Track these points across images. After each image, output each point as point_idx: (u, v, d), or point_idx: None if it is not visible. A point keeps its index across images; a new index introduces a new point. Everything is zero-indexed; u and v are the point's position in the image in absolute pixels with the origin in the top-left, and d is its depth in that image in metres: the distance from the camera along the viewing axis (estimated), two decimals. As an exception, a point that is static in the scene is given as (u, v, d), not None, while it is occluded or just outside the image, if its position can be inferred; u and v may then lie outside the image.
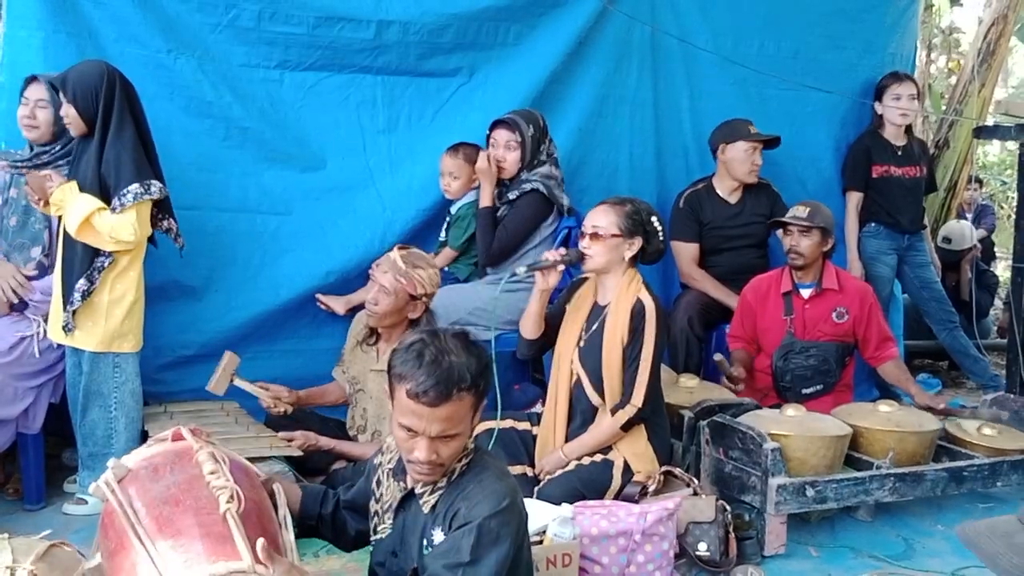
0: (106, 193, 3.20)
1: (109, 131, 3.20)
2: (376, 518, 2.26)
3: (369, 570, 2.31)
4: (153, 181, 3.22)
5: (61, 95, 3.23)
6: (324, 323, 4.05)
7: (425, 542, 2.09)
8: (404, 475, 2.18)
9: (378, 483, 2.27)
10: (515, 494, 2.06)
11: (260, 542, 1.81)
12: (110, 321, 3.26)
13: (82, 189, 3.20)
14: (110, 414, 3.31)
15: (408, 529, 2.16)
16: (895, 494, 3.41)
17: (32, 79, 3.40)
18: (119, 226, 3.16)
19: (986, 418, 3.90)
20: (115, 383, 3.30)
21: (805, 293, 4.12)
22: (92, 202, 3.16)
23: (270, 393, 3.44)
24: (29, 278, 3.41)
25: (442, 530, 2.05)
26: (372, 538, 2.28)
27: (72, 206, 3.17)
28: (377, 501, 2.26)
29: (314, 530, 2.36)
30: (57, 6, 3.61)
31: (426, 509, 2.11)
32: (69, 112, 3.22)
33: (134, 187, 3.17)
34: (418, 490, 2.13)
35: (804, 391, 4.02)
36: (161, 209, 3.35)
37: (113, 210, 3.16)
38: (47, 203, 3.23)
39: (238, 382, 3.40)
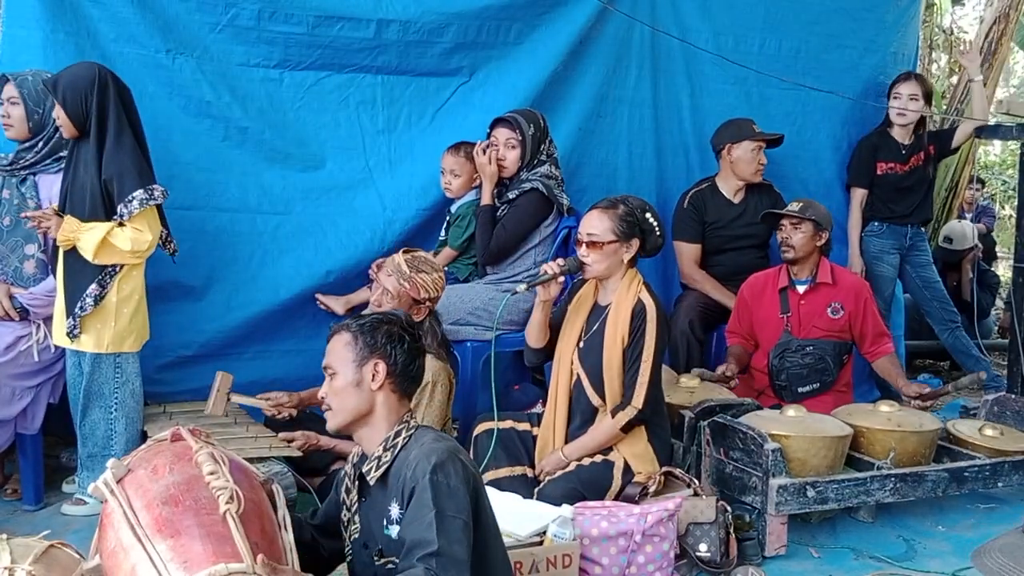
0: (108, 200, 3.19)
1: (107, 136, 3.19)
2: (350, 525, 2.29)
3: (349, 570, 2.33)
4: (155, 186, 3.22)
5: (52, 97, 3.22)
6: (324, 323, 4.02)
7: (384, 521, 2.14)
8: (362, 463, 2.25)
9: (347, 491, 2.31)
10: (453, 450, 2.14)
11: (260, 557, 1.81)
12: (120, 321, 3.26)
13: (84, 196, 3.20)
14: (111, 415, 3.30)
15: (371, 517, 2.21)
16: (896, 495, 3.40)
17: (4, 79, 3.38)
18: (137, 238, 3.18)
19: (964, 385, 3.97)
20: (116, 384, 3.30)
21: (801, 288, 4.12)
22: (101, 227, 3.16)
23: (271, 402, 3.43)
24: (31, 278, 3.40)
25: (397, 502, 2.11)
26: (347, 541, 2.30)
27: (83, 238, 3.17)
28: (348, 509, 2.30)
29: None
30: (56, 5, 3.61)
31: (372, 482, 2.19)
32: (59, 115, 3.21)
33: (139, 194, 3.16)
34: (364, 469, 2.22)
35: (800, 390, 4.02)
36: (165, 227, 3.34)
37: (120, 217, 3.16)
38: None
39: (236, 399, 3.38)
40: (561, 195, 4.00)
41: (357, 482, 2.26)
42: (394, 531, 2.12)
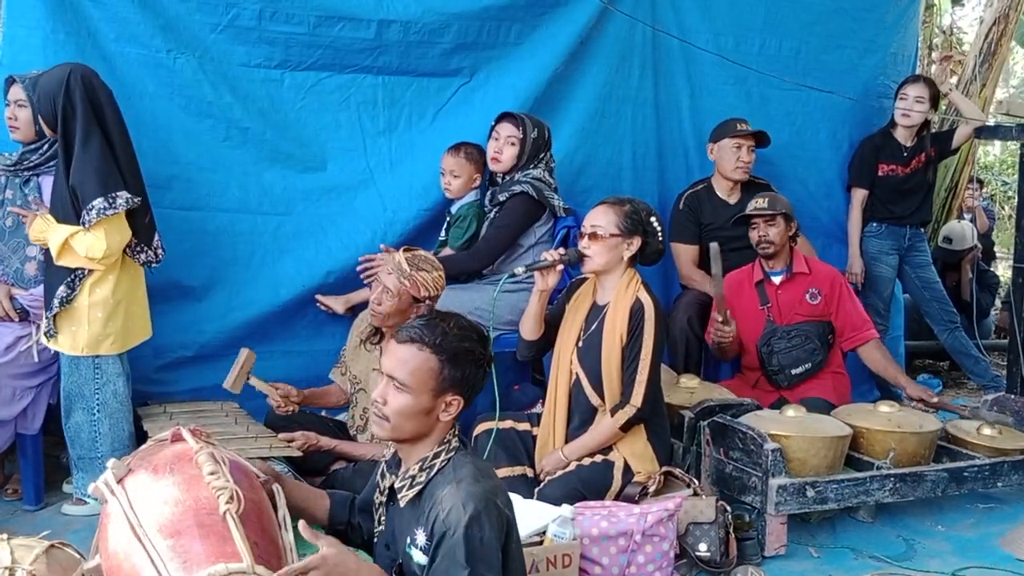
0: (77, 204, 3.17)
1: (75, 141, 3.16)
2: (380, 510, 2.28)
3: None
4: (119, 193, 3.16)
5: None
6: (324, 324, 4.04)
7: (408, 539, 2.13)
8: (396, 468, 2.22)
9: (382, 475, 2.30)
10: (490, 495, 2.06)
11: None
12: (93, 325, 3.24)
13: (58, 200, 3.20)
14: (93, 416, 3.30)
15: (396, 524, 2.20)
16: (895, 495, 3.41)
17: (11, 80, 3.38)
18: (92, 246, 3.14)
19: (987, 419, 3.88)
20: (96, 385, 3.29)
21: (776, 280, 4.16)
22: (65, 229, 3.16)
23: (280, 392, 3.43)
24: (33, 279, 3.40)
25: (424, 531, 2.07)
26: (375, 529, 2.29)
27: (50, 239, 3.17)
28: (381, 494, 2.29)
29: (344, 535, 2.38)
30: (56, 5, 3.61)
31: (403, 503, 2.16)
32: (38, 116, 3.23)
33: (98, 202, 3.12)
34: (397, 485, 2.19)
35: (794, 372, 4.05)
36: (138, 237, 3.30)
37: (83, 225, 3.14)
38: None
39: (253, 381, 3.37)
40: (552, 197, 4.00)
41: (390, 478, 2.23)
42: (415, 554, 2.09)
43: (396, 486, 2.18)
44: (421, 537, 2.08)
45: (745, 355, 4.20)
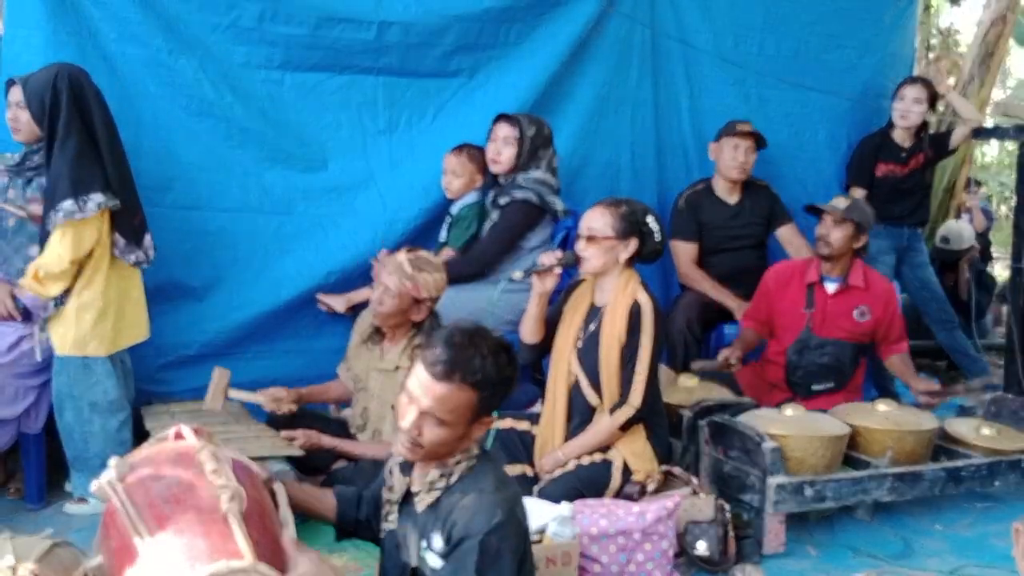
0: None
1: (55, 142, 3.16)
2: (387, 506, 2.29)
3: (380, 560, 2.33)
4: (92, 196, 3.13)
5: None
6: (325, 323, 4.05)
7: (424, 543, 2.12)
8: (410, 469, 2.22)
9: (390, 472, 2.30)
10: (513, 505, 2.07)
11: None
12: (81, 326, 3.25)
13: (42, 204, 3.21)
14: (83, 416, 3.30)
15: (411, 526, 2.19)
16: (894, 493, 3.42)
17: (11, 82, 3.37)
18: (58, 256, 3.14)
19: (977, 388, 3.90)
20: (85, 385, 3.29)
21: (830, 287, 4.06)
22: (30, 271, 3.18)
23: (268, 396, 3.43)
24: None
25: (441, 535, 2.07)
26: (383, 525, 2.30)
27: (45, 291, 3.19)
28: (390, 490, 2.29)
29: (352, 534, 2.40)
30: (57, 6, 3.62)
31: (420, 508, 2.15)
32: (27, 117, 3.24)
33: (67, 204, 3.10)
34: (414, 489, 2.18)
35: (815, 388, 4.02)
36: (127, 237, 3.30)
37: (47, 227, 3.14)
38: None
39: (233, 394, 3.38)
40: (554, 201, 4.01)
41: (406, 481, 2.22)
42: (431, 558, 2.09)
43: (414, 490, 2.18)
44: (438, 541, 2.07)
45: (774, 347, 4.13)
